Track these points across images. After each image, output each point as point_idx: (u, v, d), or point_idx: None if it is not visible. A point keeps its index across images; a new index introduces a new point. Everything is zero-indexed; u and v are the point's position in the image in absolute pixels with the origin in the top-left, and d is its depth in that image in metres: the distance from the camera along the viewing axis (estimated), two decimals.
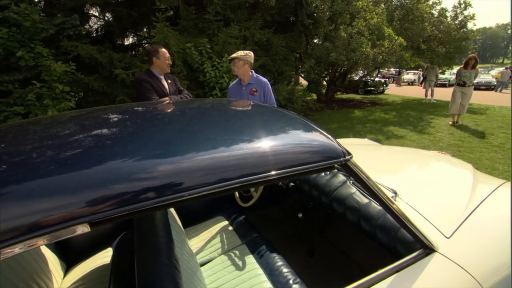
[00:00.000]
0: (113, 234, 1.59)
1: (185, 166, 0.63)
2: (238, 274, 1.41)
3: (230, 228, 1.80)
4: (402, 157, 2.07)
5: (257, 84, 2.51)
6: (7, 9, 3.86)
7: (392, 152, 2.28)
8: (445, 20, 11.54)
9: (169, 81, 2.60)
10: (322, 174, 1.72)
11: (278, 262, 1.42)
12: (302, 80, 11.46)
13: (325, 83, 10.42)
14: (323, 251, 1.82)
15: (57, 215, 0.48)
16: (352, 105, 10.22)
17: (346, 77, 11.23)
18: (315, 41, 8.70)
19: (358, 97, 12.83)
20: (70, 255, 1.49)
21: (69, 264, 1.48)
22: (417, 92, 13.46)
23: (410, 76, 20.13)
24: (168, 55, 2.53)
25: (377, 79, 14.38)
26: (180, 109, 1.21)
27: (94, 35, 6.33)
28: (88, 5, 5.88)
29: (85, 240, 1.56)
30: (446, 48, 10.94)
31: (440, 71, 12.16)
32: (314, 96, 10.13)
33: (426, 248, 0.99)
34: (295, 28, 6.99)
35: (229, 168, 0.66)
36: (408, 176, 1.71)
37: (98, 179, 0.55)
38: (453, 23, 11.48)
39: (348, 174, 0.96)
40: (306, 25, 6.80)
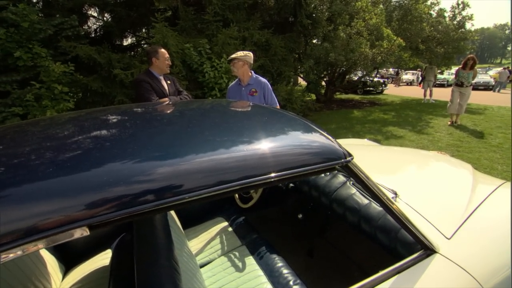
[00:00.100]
0: (112, 236, 1.58)
1: (185, 168, 0.62)
2: (238, 276, 1.40)
3: (230, 229, 1.79)
4: (401, 158, 2.07)
5: (257, 84, 2.51)
6: (5, 9, 3.84)
7: (392, 153, 2.28)
8: (444, 20, 11.58)
9: (169, 82, 2.59)
10: (322, 175, 1.72)
11: (278, 263, 1.42)
12: (301, 81, 11.47)
13: (324, 83, 10.43)
14: (323, 252, 1.82)
15: (56, 218, 0.47)
16: (351, 105, 10.24)
17: (345, 78, 11.24)
18: (314, 41, 8.71)
19: (357, 97, 12.85)
20: (69, 257, 1.48)
21: (68, 266, 1.47)
22: (416, 92, 13.49)
23: (408, 76, 20.15)
24: (168, 56, 2.52)
25: (376, 79, 14.41)
26: (180, 110, 1.20)
27: (92, 35, 6.31)
28: (87, 6, 5.87)
29: (84, 242, 1.55)
30: (444, 48, 10.98)
31: (438, 71, 12.20)
32: (313, 96, 10.14)
33: (427, 249, 0.99)
34: (294, 28, 7.00)
35: (229, 170, 0.65)
36: (408, 177, 1.71)
37: (97, 182, 0.54)
38: (452, 23, 11.53)
39: (349, 175, 0.96)
40: (305, 25, 6.81)
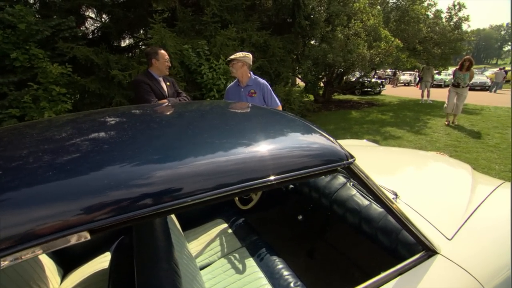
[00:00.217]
0: (111, 239, 1.57)
1: (185, 171, 0.61)
2: (239, 278, 1.40)
3: (230, 231, 1.78)
4: (401, 158, 2.07)
5: (256, 85, 2.50)
6: (1, 10, 3.82)
7: (391, 153, 2.28)
8: (440, 21, 11.66)
9: (168, 83, 2.57)
10: (323, 176, 1.71)
11: (279, 265, 1.41)
12: (299, 82, 11.49)
13: (322, 84, 10.45)
14: (324, 254, 1.81)
15: (56, 223, 0.47)
16: (349, 106, 10.26)
17: (343, 78, 11.27)
18: (312, 42, 8.73)
19: (355, 98, 12.89)
20: (67, 260, 1.47)
21: (67, 270, 1.45)
22: (413, 93, 13.55)
23: (406, 77, 20.25)
24: (168, 57, 2.50)
25: (373, 80, 14.47)
26: (179, 112, 1.19)
27: (90, 36, 6.28)
28: (84, 7, 5.84)
29: (82, 245, 1.53)
30: (441, 49, 11.06)
31: (436, 72, 12.27)
32: (311, 97, 10.16)
33: (428, 250, 0.99)
34: (292, 29, 7.01)
35: (228, 173, 0.64)
36: (407, 178, 1.71)
37: (98, 186, 0.53)
38: (448, 24, 11.61)
39: (351, 177, 0.95)
40: (303, 26, 6.82)
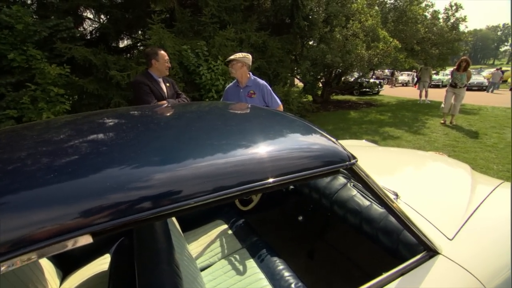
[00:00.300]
0: (110, 240, 1.56)
1: (184, 173, 0.61)
2: (239, 279, 1.39)
3: (230, 232, 1.78)
4: (401, 159, 2.08)
5: (255, 86, 2.50)
6: None
7: (391, 154, 2.28)
8: (438, 22, 11.73)
9: (168, 84, 2.55)
10: (324, 177, 1.71)
11: (279, 266, 1.41)
12: (297, 82, 11.51)
13: (320, 84, 10.46)
14: (324, 254, 1.81)
15: (57, 226, 0.46)
16: (348, 106, 10.28)
17: (342, 79, 11.29)
18: (311, 43, 8.74)
19: (354, 98, 12.93)
20: (67, 262, 1.45)
21: (66, 272, 1.44)
22: (411, 93, 13.60)
23: (404, 77, 20.33)
24: (168, 58, 2.47)
25: (371, 80, 14.50)
26: (178, 113, 1.19)
27: (88, 37, 6.25)
28: (82, 7, 5.82)
29: (82, 247, 1.52)
30: (439, 49, 11.11)
31: (433, 72, 12.33)
32: (309, 97, 10.17)
33: (430, 250, 0.99)
34: (290, 30, 7.01)
35: (228, 175, 0.64)
36: (407, 178, 1.71)
37: (99, 188, 0.53)
38: (446, 25, 11.67)
39: (353, 178, 0.95)
40: (301, 27, 6.83)
